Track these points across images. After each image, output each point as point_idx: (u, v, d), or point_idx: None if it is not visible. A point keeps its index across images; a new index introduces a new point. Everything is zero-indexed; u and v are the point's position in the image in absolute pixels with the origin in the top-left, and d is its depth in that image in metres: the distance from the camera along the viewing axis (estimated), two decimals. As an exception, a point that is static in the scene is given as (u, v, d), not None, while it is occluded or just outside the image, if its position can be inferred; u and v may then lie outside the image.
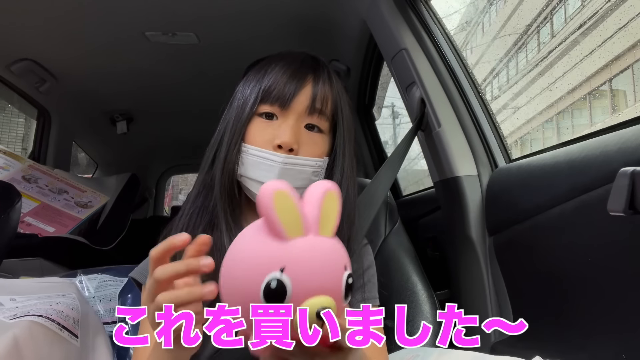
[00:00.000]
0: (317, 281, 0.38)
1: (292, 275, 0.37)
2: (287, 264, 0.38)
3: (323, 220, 0.41)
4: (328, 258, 0.40)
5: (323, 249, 0.40)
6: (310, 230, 0.40)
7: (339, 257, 0.41)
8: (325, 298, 0.38)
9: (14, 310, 0.69)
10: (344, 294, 0.40)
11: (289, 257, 0.38)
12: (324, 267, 0.39)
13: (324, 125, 0.72)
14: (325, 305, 0.37)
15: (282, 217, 0.39)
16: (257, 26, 1.38)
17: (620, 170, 0.55)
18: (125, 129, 2.11)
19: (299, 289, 0.37)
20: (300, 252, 0.39)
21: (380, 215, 1.07)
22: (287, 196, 0.39)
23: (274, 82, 0.70)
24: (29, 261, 1.26)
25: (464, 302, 0.99)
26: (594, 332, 0.70)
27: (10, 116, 5.20)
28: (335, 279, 0.39)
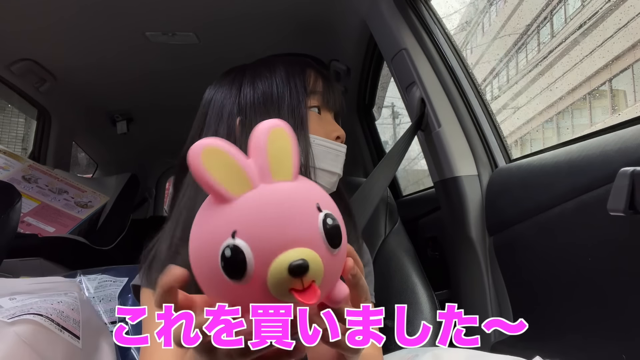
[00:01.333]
0: (281, 234, 0.32)
1: (247, 237, 0.31)
2: (237, 226, 0.32)
3: (274, 164, 0.34)
4: (290, 204, 0.33)
5: (280, 195, 0.33)
6: (260, 180, 0.34)
7: (306, 198, 0.34)
8: (298, 250, 0.31)
9: (14, 309, 0.68)
10: (326, 240, 0.33)
11: (238, 217, 0.32)
12: (286, 215, 0.32)
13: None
14: (300, 256, 0.31)
15: (219, 175, 0.33)
16: (257, 26, 1.38)
17: (620, 170, 0.55)
18: (125, 129, 2.11)
19: (261, 249, 0.31)
20: (250, 207, 0.33)
21: (380, 215, 1.07)
22: (219, 151, 0.33)
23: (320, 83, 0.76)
24: (29, 261, 1.26)
25: (464, 302, 0.99)
26: (594, 332, 0.70)
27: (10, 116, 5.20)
28: (306, 225, 0.33)
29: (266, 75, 0.74)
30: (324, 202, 0.35)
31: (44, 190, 1.58)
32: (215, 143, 0.33)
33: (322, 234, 0.33)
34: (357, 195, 0.89)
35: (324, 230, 0.33)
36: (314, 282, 0.32)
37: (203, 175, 0.33)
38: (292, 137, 0.36)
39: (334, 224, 0.34)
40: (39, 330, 0.67)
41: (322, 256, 0.33)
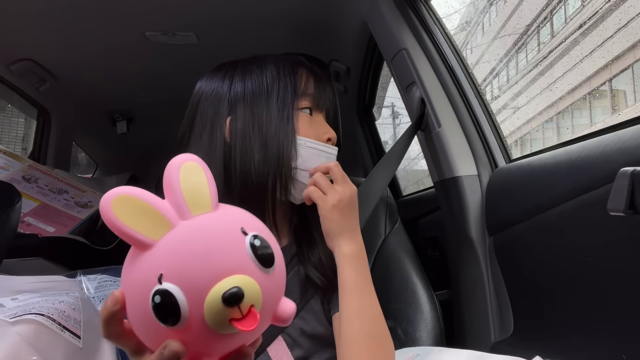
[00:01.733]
0: (208, 267, 0.31)
1: (174, 278, 0.31)
2: (162, 269, 0.31)
3: (190, 199, 0.34)
4: (212, 235, 0.33)
5: (201, 228, 0.33)
6: (179, 218, 0.33)
7: (229, 225, 0.34)
8: (229, 278, 0.31)
9: (16, 309, 0.69)
10: (257, 261, 0.32)
11: (161, 260, 0.32)
12: (210, 247, 0.32)
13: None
14: (232, 284, 0.30)
15: (134, 222, 0.32)
16: (257, 26, 1.38)
17: (620, 170, 0.55)
18: (125, 129, 2.11)
19: (191, 288, 0.31)
20: (172, 247, 0.32)
21: (380, 215, 1.07)
22: (129, 198, 0.33)
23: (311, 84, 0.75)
24: (29, 261, 1.26)
25: (464, 302, 0.99)
26: (594, 332, 0.70)
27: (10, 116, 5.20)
28: (233, 251, 0.32)
29: (257, 74, 0.74)
30: (250, 224, 0.35)
31: (44, 190, 1.58)
32: (124, 191, 0.33)
33: (252, 257, 0.33)
34: None
35: (253, 252, 0.33)
36: (253, 307, 0.31)
37: (117, 226, 0.32)
38: (205, 168, 0.36)
39: (262, 244, 0.33)
40: (41, 329, 0.67)
41: (256, 278, 0.32)
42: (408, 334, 0.89)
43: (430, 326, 0.89)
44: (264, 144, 0.69)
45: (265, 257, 0.33)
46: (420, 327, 0.89)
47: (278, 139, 0.69)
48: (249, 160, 0.69)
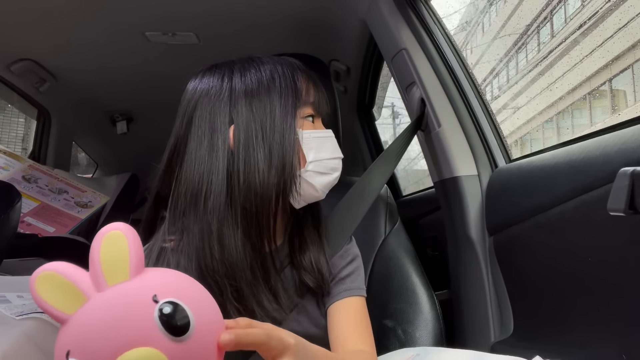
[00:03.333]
0: (112, 340, 0.31)
1: (79, 354, 0.31)
2: (70, 345, 0.32)
3: (108, 270, 0.34)
4: (120, 306, 0.32)
5: (109, 300, 0.33)
6: (95, 290, 0.34)
7: (140, 293, 0.33)
8: (132, 352, 0.30)
9: (21, 307, 0.69)
10: (165, 330, 0.31)
11: (70, 335, 0.33)
12: (116, 318, 0.31)
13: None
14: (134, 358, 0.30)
15: (54, 298, 0.33)
16: (257, 26, 1.38)
17: (620, 170, 0.55)
18: (125, 129, 2.11)
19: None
20: (79, 322, 0.33)
21: (380, 215, 1.07)
22: (52, 275, 0.34)
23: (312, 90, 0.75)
24: (29, 261, 1.26)
25: (464, 302, 0.99)
26: (594, 332, 0.70)
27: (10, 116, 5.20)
28: (139, 322, 0.31)
29: (258, 80, 0.71)
30: (168, 289, 0.33)
31: (44, 190, 1.58)
32: (48, 268, 0.34)
33: (159, 326, 0.31)
34: (351, 192, 0.89)
35: (160, 321, 0.31)
36: None
37: (38, 302, 0.33)
38: (131, 235, 0.35)
39: (174, 312, 0.32)
40: (46, 328, 0.67)
41: (165, 350, 0.31)
42: (408, 334, 0.89)
43: (430, 326, 0.89)
44: (267, 153, 0.67)
45: (174, 326, 0.31)
46: (420, 327, 0.89)
47: (283, 149, 0.68)
48: (253, 170, 0.66)
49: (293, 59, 0.77)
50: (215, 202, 0.66)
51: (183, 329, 0.32)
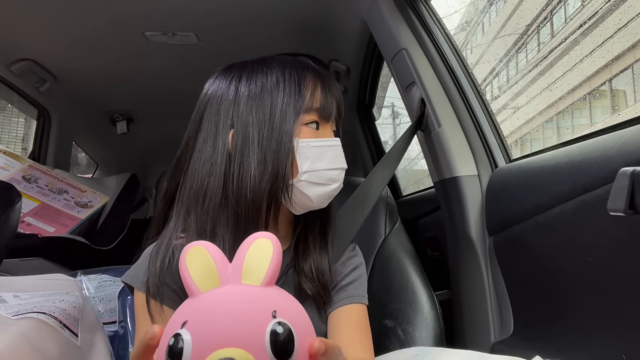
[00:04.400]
0: (223, 331, 0.32)
1: (192, 328, 0.33)
2: (189, 317, 0.34)
3: (247, 269, 0.37)
4: (243, 306, 0.34)
5: (236, 296, 0.35)
6: (229, 281, 0.37)
7: (264, 303, 0.35)
8: (234, 350, 0.31)
9: (17, 307, 0.69)
10: (270, 348, 0.32)
11: (192, 309, 0.35)
12: (235, 314, 0.33)
13: (332, 127, 0.76)
14: (231, 355, 0.31)
15: (194, 271, 0.37)
16: (257, 26, 1.38)
17: (620, 170, 0.55)
18: (125, 129, 2.11)
19: (200, 342, 0.32)
20: (205, 302, 0.35)
21: (380, 215, 1.07)
22: (201, 250, 0.37)
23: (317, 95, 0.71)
24: (29, 261, 1.26)
25: (464, 302, 0.99)
26: (594, 332, 0.70)
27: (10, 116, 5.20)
28: (251, 328, 0.33)
29: (263, 84, 0.70)
30: (286, 311, 0.35)
31: (44, 190, 1.58)
32: (204, 245, 0.38)
33: (267, 342, 0.32)
34: (355, 195, 0.89)
35: (270, 337, 0.32)
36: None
37: (182, 270, 0.37)
38: (277, 249, 0.38)
39: (284, 335, 0.33)
40: (41, 327, 0.67)
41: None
42: (408, 334, 0.89)
43: (430, 326, 0.89)
44: (262, 159, 0.67)
45: (280, 348, 0.33)
46: (420, 327, 0.89)
47: (277, 156, 0.67)
48: (246, 175, 0.67)
49: (307, 61, 0.76)
50: (210, 203, 0.67)
51: (286, 354, 0.33)
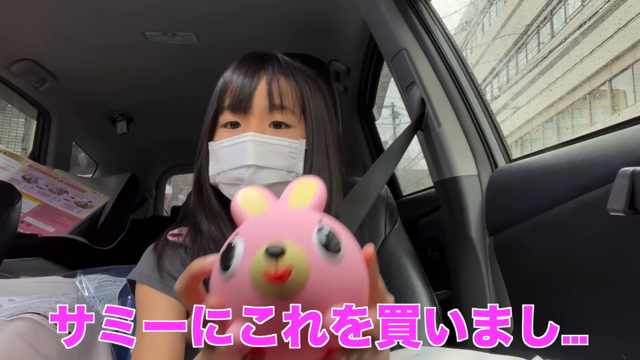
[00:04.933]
0: (276, 231, 0.34)
1: (244, 234, 0.34)
2: (240, 229, 0.36)
3: (294, 199, 0.39)
4: (291, 216, 0.37)
5: (286, 212, 0.38)
6: (277, 207, 0.39)
7: (311, 215, 0.36)
8: (282, 240, 0.32)
9: (12, 309, 0.69)
10: (317, 241, 0.33)
11: (243, 225, 0.37)
12: (286, 222, 0.35)
13: (292, 120, 0.70)
14: (280, 242, 0.32)
15: (246, 205, 0.39)
16: (257, 26, 1.38)
17: (620, 170, 0.55)
18: (125, 129, 2.12)
19: (251, 242, 0.33)
20: (256, 219, 0.37)
21: (380, 215, 1.07)
22: (253, 190, 0.40)
23: (229, 92, 0.70)
24: (29, 261, 1.26)
25: (464, 302, 0.99)
26: (594, 332, 0.70)
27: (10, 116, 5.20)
28: (300, 227, 0.34)
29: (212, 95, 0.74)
30: (328, 219, 0.36)
31: (44, 190, 1.58)
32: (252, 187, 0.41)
33: (314, 237, 0.33)
34: (352, 193, 0.89)
35: (317, 234, 0.34)
36: (290, 270, 0.31)
37: (233, 204, 0.39)
38: (322, 184, 0.41)
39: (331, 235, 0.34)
40: (37, 327, 0.67)
41: (310, 257, 0.32)
42: (408, 334, 0.89)
43: (430, 326, 0.89)
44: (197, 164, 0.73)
45: (327, 242, 0.33)
46: (420, 327, 0.89)
47: (199, 161, 0.73)
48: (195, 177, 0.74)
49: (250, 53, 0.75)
50: (193, 200, 0.73)
51: (336, 249, 0.34)
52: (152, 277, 0.67)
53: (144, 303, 0.67)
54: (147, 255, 0.72)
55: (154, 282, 0.67)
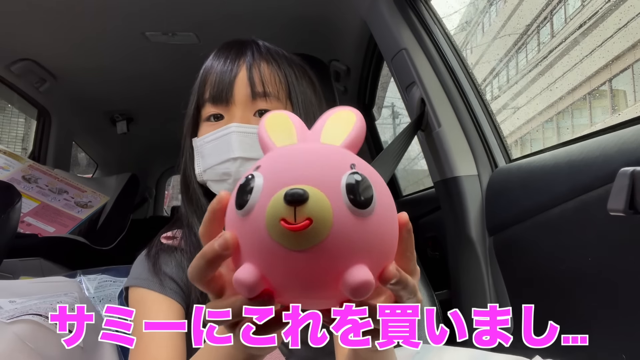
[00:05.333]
0: (300, 172, 0.30)
1: (265, 170, 0.30)
2: (263, 162, 0.32)
3: (327, 133, 0.35)
4: (320, 154, 0.32)
5: (314, 147, 0.33)
6: (306, 139, 0.35)
7: (342, 157, 0.32)
8: (306, 186, 0.28)
9: (13, 311, 0.68)
10: (346, 192, 0.29)
11: (267, 157, 0.33)
12: (311, 160, 0.31)
13: (278, 107, 0.67)
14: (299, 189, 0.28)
15: (272, 131, 0.35)
16: (257, 26, 1.38)
17: (620, 170, 0.55)
18: (125, 129, 2.12)
19: (272, 181, 0.30)
20: (281, 151, 0.33)
21: (380, 215, 1.07)
22: (282, 115, 0.37)
23: (208, 83, 0.67)
24: (29, 261, 1.26)
25: (464, 302, 0.99)
26: (594, 332, 0.70)
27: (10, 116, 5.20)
28: (328, 172, 0.30)
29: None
30: (367, 170, 0.31)
31: (44, 190, 1.58)
32: (285, 112, 0.37)
33: (343, 185, 0.29)
34: None
35: (346, 182, 0.29)
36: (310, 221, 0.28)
37: (260, 130, 0.36)
38: (360, 118, 0.36)
39: (362, 184, 0.29)
40: (38, 329, 0.66)
41: (336, 208, 0.29)
42: (408, 334, 0.89)
43: (430, 326, 0.89)
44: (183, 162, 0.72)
45: (357, 194, 0.29)
46: (420, 327, 0.89)
47: (184, 158, 0.71)
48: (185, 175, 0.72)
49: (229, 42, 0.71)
50: (182, 201, 0.72)
51: (363, 201, 0.29)
52: (149, 280, 0.66)
53: (142, 305, 0.65)
54: (141, 260, 0.70)
55: (152, 284, 0.65)
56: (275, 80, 0.67)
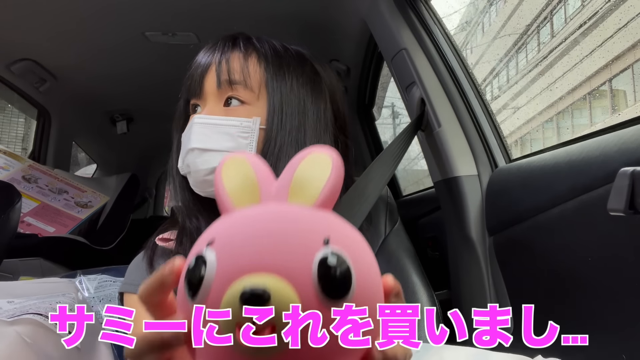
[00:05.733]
0: (260, 253, 0.25)
1: (219, 248, 0.25)
2: (217, 235, 0.27)
3: (297, 186, 0.29)
4: (286, 226, 0.26)
5: (279, 215, 0.27)
6: (272, 198, 0.29)
7: (314, 226, 0.27)
8: (267, 277, 0.24)
9: (12, 310, 0.68)
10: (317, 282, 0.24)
11: (222, 226, 0.28)
12: (275, 236, 0.25)
13: (246, 96, 0.65)
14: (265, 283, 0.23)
15: (230, 185, 0.30)
16: (257, 26, 1.38)
17: (620, 170, 0.55)
18: (125, 129, 2.12)
19: (228, 264, 0.25)
20: (239, 219, 0.27)
21: (380, 215, 1.07)
22: (242, 162, 0.31)
23: (189, 76, 0.69)
24: (29, 261, 1.26)
25: (464, 303, 0.99)
26: (594, 332, 0.70)
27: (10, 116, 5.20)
28: (296, 253, 0.25)
29: None
30: (344, 241, 0.27)
31: (44, 190, 1.58)
32: (244, 156, 0.31)
33: (314, 272, 0.24)
34: (350, 192, 0.88)
35: (317, 267, 0.25)
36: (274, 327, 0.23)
37: (216, 182, 0.30)
38: (337, 164, 0.30)
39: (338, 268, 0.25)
40: (39, 328, 0.67)
41: (305, 304, 0.24)
42: (408, 334, 0.89)
43: (430, 326, 0.89)
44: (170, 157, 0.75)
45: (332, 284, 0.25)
46: (420, 327, 0.89)
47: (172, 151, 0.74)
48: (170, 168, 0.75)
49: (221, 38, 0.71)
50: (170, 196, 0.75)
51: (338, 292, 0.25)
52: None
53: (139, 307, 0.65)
54: (136, 263, 0.69)
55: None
56: (244, 69, 0.65)
